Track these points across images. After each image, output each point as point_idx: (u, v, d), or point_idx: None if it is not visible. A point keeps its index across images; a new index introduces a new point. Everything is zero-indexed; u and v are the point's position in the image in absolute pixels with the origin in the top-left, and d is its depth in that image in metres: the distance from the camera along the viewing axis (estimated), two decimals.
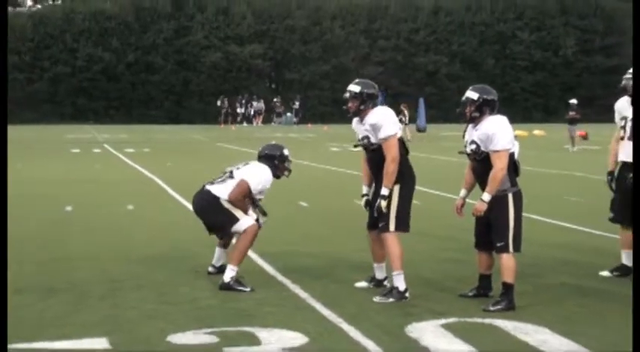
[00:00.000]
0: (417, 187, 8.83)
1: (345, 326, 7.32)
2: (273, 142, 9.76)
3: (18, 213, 15.16)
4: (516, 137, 8.36)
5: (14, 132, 51.83)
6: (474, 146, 8.11)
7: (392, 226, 8.41)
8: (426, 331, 7.16)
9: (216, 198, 9.01)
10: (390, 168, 8.33)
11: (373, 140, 8.45)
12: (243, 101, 70.50)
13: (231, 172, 9.16)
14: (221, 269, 9.24)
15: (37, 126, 61.95)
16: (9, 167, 25.35)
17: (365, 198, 8.70)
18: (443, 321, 7.46)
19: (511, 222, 8.00)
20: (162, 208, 15.80)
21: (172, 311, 7.88)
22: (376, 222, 8.52)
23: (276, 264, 10.05)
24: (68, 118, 68.12)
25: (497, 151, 7.92)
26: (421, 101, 55.11)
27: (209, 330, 7.16)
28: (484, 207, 7.97)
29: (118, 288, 8.88)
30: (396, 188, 8.44)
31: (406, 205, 8.54)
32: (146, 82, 71.76)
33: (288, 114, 67.78)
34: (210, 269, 9.51)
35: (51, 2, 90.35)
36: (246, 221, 8.93)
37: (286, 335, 7.00)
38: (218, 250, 9.52)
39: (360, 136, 8.60)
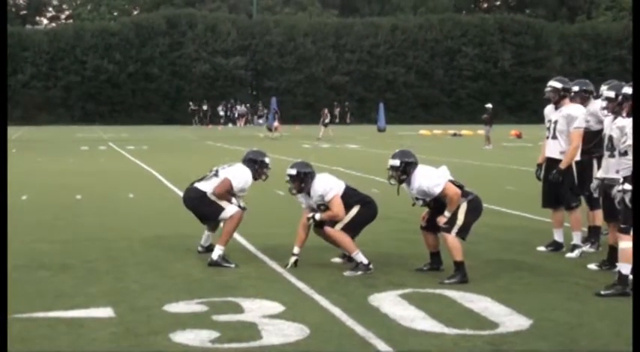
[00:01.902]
0: (377, 178, 8.84)
1: (316, 297, 7.31)
2: (256, 149, 9.70)
3: (37, 200, 15.07)
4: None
5: (35, 132, 51.48)
6: (420, 202, 8.34)
7: (339, 226, 8.47)
8: (386, 300, 7.16)
9: (203, 193, 8.97)
10: (339, 216, 8.48)
11: (324, 202, 8.56)
12: (229, 105, 70.31)
13: (216, 171, 9.12)
14: (209, 249, 9.20)
15: (52, 126, 61.53)
16: (31, 161, 25.31)
17: (295, 259, 8.60)
18: (400, 292, 7.47)
19: (461, 216, 8.03)
20: (159, 196, 15.72)
21: (168, 284, 7.84)
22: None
23: (257, 243, 10.03)
24: (78, 120, 67.68)
25: (442, 189, 8.07)
26: (381, 105, 55.14)
27: (199, 300, 7.12)
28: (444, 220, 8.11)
29: (121, 265, 8.83)
30: (357, 207, 8.59)
31: (361, 218, 8.61)
32: (145, 89, 71.39)
33: (269, 116, 67.53)
34: (200, 248, 9.47)
35: (64, 21, 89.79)
36: (231, 208, 8.89)
37: (266, 305, 6.98)
38: (206, 233, 9.48)
39: (315, 206, 8.66)
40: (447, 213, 8.09)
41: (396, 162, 8.27)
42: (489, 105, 37.41)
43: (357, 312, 6.73)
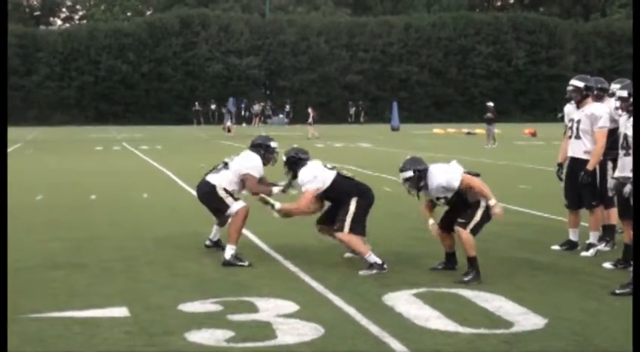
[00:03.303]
0: (392, 177, 8.82)
1: (331, 296, 7.30)
2: (263, 134, 9.73)
3: (52, 199, 15.13)
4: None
5: (49, 132, 51.69)
6: (442, 200, 8.29)
7: (346, 229, 8.46)
8: (400, 299, 7.15)
9: (213, 187, 9.00)
10: (298, 210, 8.71)
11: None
12: (242, 105, 70.29)
13: (226, 163, 9.17)
14: (217, 244, 9.36)
15: (66, 127, 61.76)
16: (46, 161, 25.42)
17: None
18: (415, 291, 7.45)
19: (478, 214, 8.07)
20: (173, 195, 15.75)
21: (182, 284, 7.85)
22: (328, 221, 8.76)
23: (270, 242, 10.04)
24: (92, 120, 67.85)
25: (460, 181, 8.10)
26: (395, 104, 55.08)
27: (214, 300, 7.13)
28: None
29: (135, 264, 8.85)
30: (354, 199, 8.53)
31: (361, 210, 8.57)
32: (158, 89, 71.47)
33: (280, 115, 67.61)
34: (208, 242, 9.58)
35: (77, 22, 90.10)
36: (236, 205, 8.91)
37: (280, 304, 6.98)
38: (215, 227, 9.56)
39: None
40: (492, 202, 8.07)
41: (409, 174, 8.23)
42: (491, 104, 37.19)
43: (372, 311, 6.72)
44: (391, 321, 6.43)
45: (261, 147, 9.24)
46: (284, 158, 8.91)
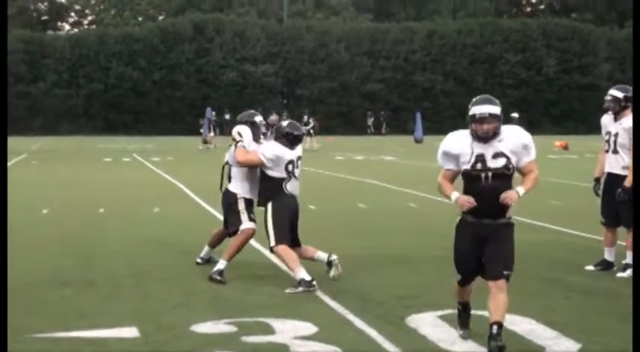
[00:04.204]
0: (417, 192, 8.81)
1: (351, 317, 7.29)
2: (252, 111, 9.81)
3: (58, 214, 15.19)
4: None
5: (56, 142, 51.95)
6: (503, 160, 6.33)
7: (272, 241, 8.70)
8: (425, 321, 7.13)
9: (234, 196, 9.16)
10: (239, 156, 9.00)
11: None
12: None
13: (226, 162, 9.39)
14: (208, 261, 9.66)
15: (74, 137, 62.07)
16: (52, 173, 25.55)
17: None
18: (440, 313, 7.42)
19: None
20: (185, 209, 15.78)
21: (194, 303, 7.86)
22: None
23: None
24: (101, 130, 68.18)
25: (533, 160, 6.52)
26: (418, 115, 55.03)
27: (228, 320, 7.13)
28: (517, 197, 6.21)
29: (146, 282, 8.88)
30: (269, 206, 8.74)
31: (278, 216, 8.73)
32: (170, 97, 71.76)
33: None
34: (199, 260, 9.76)
35: (86, 27, 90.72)
36: (246, 224, 9.05)
37: (298, 325, 6.97)
38: (206, 248, 9.78)
39: None
40: (520, 190, 6.36)
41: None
42: (515, 115, 36.84)
43: (394, 334, 6.70)
44: (414, 344, 6.41)
45: (247, 124, 9.37)
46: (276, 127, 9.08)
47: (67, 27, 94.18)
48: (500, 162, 6.19)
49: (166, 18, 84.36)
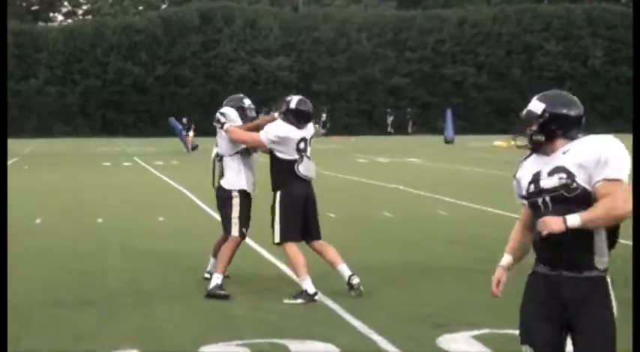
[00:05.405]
0: (447, 198, 8.80)
1: (375, 337, 7.29)
2: (240, 95, 9.92)
3: (53, 223, 15.27)
4: None
5: (49, 145, 52.22)
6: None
7: (277, 237, 8.80)
8: (458, 342, 7.12)
9: (229, 193, 9.28)
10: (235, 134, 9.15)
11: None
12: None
13: (216, 153, 9.55)
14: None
15: (69, 139, 62.33)
16: (45, 179, 25.68)
17: None
18: (475, 332, 7.40)
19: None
20: (191, 218, 15.83)
21: (202, 322, 7.88)
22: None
23: None
24: (98, 131, 68.54)
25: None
26: (448, 112, 54.97)
27: (240, 342, 7.14)
28: (561, 226, 4.49)
29: (149, 299, 8.91)
30: (277, 195, 8.84)
31: (287, 211, 8.81)
32: (174, 94, 72.04)
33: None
34: (206, 275, 9.71)
35: (81, 17, 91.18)
36: (234, 230, 9.15)
37: (318, 347, 6.98)
38: (212, 259, 9.77)
39: None
40: (571, 220, 5.32)
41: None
42: None
43: None
44: None
45: (237, 109, 9.49)
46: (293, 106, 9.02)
47: (60, 18, 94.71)
48: (554, 180, 4.77)
49: (170, 6, 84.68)
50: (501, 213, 15.54)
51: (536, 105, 5.02)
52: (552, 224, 4.50)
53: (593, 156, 4.64)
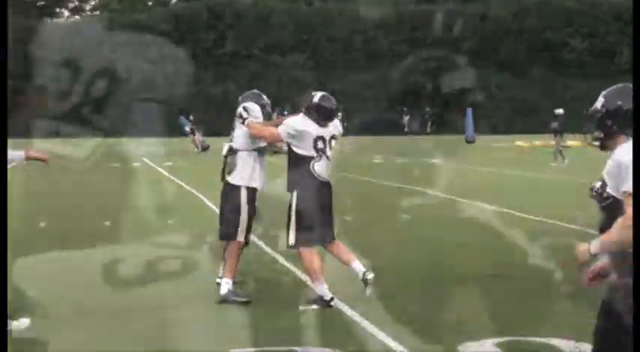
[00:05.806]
0: (464, 200, 8.78)
1: (393, 344, 7.27)
2: (256, 91, 9.99)
3: (58, 227, 15.29)
4: None
5: (55, 146, 52.27)
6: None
7: (292, 240, 8.83)
8: (480, 349, 7.10)
9: (238, 189, 9.44)
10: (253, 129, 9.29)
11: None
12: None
13: (229, 147, 9.68)
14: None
15: (75, 139, 62.39)
16: (51, 179, 25.70)
17: None
18: (497, 340, 7.38)
19: None
20: (202, 222, 15.78)
21: (214, 330, 7.88)
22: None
23: None
24: (106, 131, 68.57)
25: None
26: (469, 111, 54.89)
27: (254, 349, 7.13)
28: (585, 256, 4.56)
29: (159, 306, 8.89)
30: (294, 195, 8.85)
31: (303, 211, 8.80)
32: (184, 92, 72.09)
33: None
34: (219, 280, 9.66)
35: (89, 13, 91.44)
36: (240, 236, 9.20)
37: None
38: (222, 263, 9.73)
39: None
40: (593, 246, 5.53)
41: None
42: (560, 111, 36.49)
43: None
44: None
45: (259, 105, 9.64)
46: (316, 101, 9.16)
47: (66, 13, 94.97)
48: (596, 187, 4.82)
49: (179, 2, 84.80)
50: (525, 217, 15.49)
51: (598, 100, 4.79)
52: (579, 254, 4.37)
53: (617, 163, 4.38)
